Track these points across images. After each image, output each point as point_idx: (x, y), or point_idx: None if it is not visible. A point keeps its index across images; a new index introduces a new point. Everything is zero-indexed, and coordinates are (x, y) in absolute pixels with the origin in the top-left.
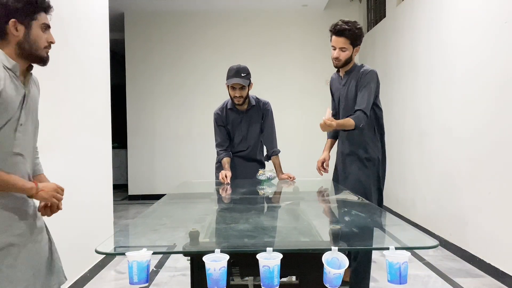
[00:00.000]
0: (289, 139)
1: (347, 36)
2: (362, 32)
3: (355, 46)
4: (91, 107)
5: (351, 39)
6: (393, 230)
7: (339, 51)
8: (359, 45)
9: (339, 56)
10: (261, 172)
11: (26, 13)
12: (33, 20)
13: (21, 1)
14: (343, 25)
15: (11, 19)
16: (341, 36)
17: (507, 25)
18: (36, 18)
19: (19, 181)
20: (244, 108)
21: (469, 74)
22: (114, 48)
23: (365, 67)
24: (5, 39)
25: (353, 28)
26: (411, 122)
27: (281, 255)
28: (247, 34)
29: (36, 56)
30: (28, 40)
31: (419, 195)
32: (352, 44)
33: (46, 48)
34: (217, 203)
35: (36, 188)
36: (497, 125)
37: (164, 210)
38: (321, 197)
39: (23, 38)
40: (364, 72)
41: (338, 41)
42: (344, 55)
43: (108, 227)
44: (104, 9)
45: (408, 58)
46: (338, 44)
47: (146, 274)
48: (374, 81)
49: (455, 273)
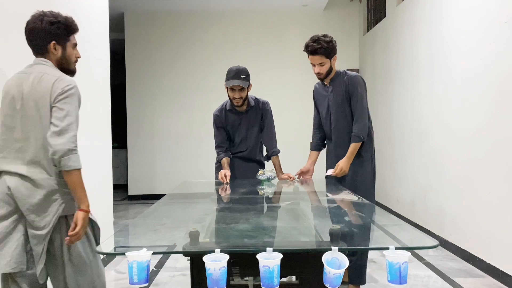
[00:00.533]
0: (289, 140)
1: (321, 53)
2: (333, 43)
3: (331, 57)
4: (91, 107)
5: (325, 54)
6: (393, 230)
7: (318, 66)
8: (335, 54)
9: (320, 71)
10: (261, 172)
11: (63, 37)
12: (67, 42)
13: (60, 28)
14: (314, 44)
15: (52, 41)
16: (315, 55)
17: (507, 25)
18: (69, 40)
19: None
20: (243, 109)
21: (469, 74)
22: (114, 48)
23: (349, 73)
24: (46, 55)
25: (324, 44)
26: (411, 122)
27: (281, 255)
28: (247, 34)
29: (68, 69)
30: (64, 57)
31: (419, 195)
32: (328, 57)
33: (75, 62)
34: (217, 203)
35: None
36: (497, 125)
37: (164, 210)
38: (321, 197)
39: (60, 56)
40: (350, 79)
41: (314, 59)
42: (324, 68)
43: (108, 227)
44: (104, 9)
45: (408, 58)
46: (315, 61)
47: (146, 274)
48: (361, 85)
49: (455, 273)
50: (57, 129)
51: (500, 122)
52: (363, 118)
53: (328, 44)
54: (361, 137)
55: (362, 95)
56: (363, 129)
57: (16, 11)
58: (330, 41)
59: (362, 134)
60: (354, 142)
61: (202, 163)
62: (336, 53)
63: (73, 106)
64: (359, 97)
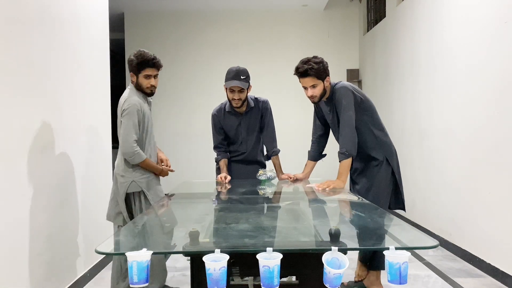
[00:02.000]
0: (289, 140)
1: (312, 74)
2: (324, 64)
3: (323, 79)
4: (91, 107)
5: (316, 75)
6: (393, 230)
7: (311, 89)
8: (327, 75)
9: (313, 94)
10: (261, 172)
11: (136, 70)
12: (139, 73)
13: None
14: (304, 66)
15: (130, 72)
16: (306, 77)
17: (507, 25)
18: (140, 72)
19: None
20: (242, 111)
21: (469, 74)
22: (114, 48)
23: (335, 86)
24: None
25: (314, 65)
26: (411, 122)
27: (281, 255)
28: (247, 34)
29: (143, 92)
30: (138, 84)
31: (419, 195)
32: (320, 78)
33: (149, 88)
34: (217, 203)
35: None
36: (497, 125)
37: (164, 210)
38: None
39: (135, 82)
40: (335, 94)
41: (306, 81)
42: (317, 91)
43: (108, 227)
44: (104, 9)
45: (408, 58)
46: (307, 83)
47: (146, 274)
48: (346, 96)
49: (455, 273)
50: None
51: (500, 122)
52: (345, 132)
53: (318, 65)
54: (346, 153)
55: (346, 107)
56: (347, 144)
57: (16, 11)
58: (321, 61)
59: (347, 150)
60: (341, 160)
61: (202, 163)
62: (328, 74)
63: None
64: (343, 110)
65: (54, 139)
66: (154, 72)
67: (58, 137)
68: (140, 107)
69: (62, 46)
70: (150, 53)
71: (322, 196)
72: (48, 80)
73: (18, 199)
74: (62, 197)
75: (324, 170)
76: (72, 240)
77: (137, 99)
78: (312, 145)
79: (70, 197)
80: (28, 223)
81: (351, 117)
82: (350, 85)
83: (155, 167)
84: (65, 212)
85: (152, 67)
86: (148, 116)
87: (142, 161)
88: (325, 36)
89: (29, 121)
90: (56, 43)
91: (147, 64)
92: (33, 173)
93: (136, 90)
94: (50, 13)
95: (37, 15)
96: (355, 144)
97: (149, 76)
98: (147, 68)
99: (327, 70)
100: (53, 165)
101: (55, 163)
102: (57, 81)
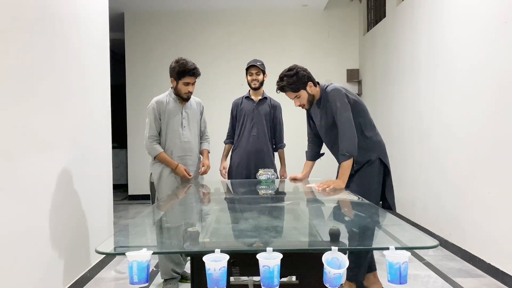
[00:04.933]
0: (289, 139)
1: (288, 90)
2: (298, 75)
3: (303, 88)
4: (91, 107)
5: (292, 89)
6: (393, 230)
7: (296, 100)
8: (307, 82)
9: (300, 103)
10: (261, 172)
11: (175, 77)
12: (179, 80)
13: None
14: (279, 83)
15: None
16: (284, 92)
17: (507, 25)
18: (181, 79)
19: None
20: (257, 98)
21: (469, 74)
22: (114, 48)
23: (326, 89)
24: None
25: (288, 80)
26: (411, 122)
27: (281, 255)
28: (247, 34)
29: (180, 97)
30: (177, 89)
31: (419, 195)
32: (297, 90)
33: (186, 94)
34: (217, 203)
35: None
36: (497, 125)
37: (165, 210)
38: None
39: (175, 87)
40: (328, 97)
41: (288, 95)
42: (302, 100)
43: (108, 227)
44: (104, 9)
45: (408, 58)
46: (290, 97)
47: (146, 274)
48: (339, 98)
49: (455, 273)
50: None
51: (500, 122)
52: (344, 133)
53: (292, 78)
54: (346, 154)
55: (341, 108)
56: (347, 145)
57: (16, 11)
58: (295, 73)
59: (347, 151)
60: (342, 161)
61: None
62: (309, 80)
63: (148, 119)
64: (339, 112)
65: (54, 139)
66: (193, 80)
67: (58, 137)
68: (157, 107)
69: (62, 46)
70: (191, 63)
71: (322, 196)
72: (48, 80)
73: (18, 199)
74: (62, 197)
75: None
76: (72, 240)
77: (158, 99)
78: (309, 144)
79: (70, 197)
80: (28, 223)
81: (349, 117)
82: (341, 86)
83: (171, 162)
84: (65, 212)
85: (191, 76)
86: (169, 114)
87: (157, 155)
88: (325, 36)
89: (29, 121)
90: (56, 43)
91: (187, 73)
92: (33, 173)
93: (174, 94)
94: (50, 13)
95: (37, 15)
96: (355, 144)
97: (187, 84)
98: (187, 76)
99: (306, 77)
100: (53, 165)
101: (55, 163)
102: (57, 81)
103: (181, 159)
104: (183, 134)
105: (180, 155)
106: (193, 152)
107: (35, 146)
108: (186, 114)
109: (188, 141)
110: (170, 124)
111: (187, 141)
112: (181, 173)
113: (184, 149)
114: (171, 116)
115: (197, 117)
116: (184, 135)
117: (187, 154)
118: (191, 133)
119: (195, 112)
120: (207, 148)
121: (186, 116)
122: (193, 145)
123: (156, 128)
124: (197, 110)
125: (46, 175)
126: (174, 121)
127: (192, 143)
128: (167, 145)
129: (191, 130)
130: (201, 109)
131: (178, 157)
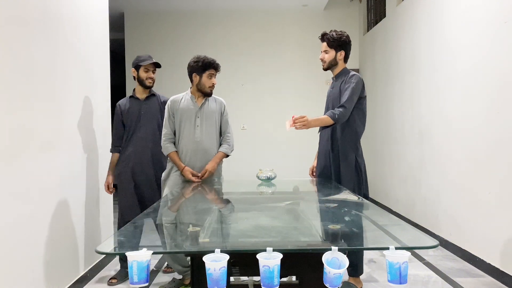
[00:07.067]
0: (289, 139)
1: (326, 40)
2: (343, 37)
3: (337, 50)
4: (92, 107)
5: (328, 43)
6: (393, 230)
7: (323, 53)
8: (343, 50)
9: (323, 58)
10: (261, 172)
11: (199, 70)
12: (203, 73)
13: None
14: (325, 31)
15: (193, 73)
16: (322, 41)
17: (507, 25)
18: (205, 72)
19: (178, 162)
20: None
21: (469, 74)
22: (114, 48)
23: (352, 72)
24: (192, 82)
25: (333, 34)
26: (411, 122)
27: (281, 255)
28: (247, 34)
29: (204, 92)
30: (200, 84)
31: (419, 195)
32: (331, 47)
33: (210, 87)
34: (217, 203)
35: (183, 168)
36: (497, 125)
37: (164, 210)
38: (321, 197)
39: (198, 82)
40: (349, 75)
41: (322, 46)
42: (327, 56)
43: (108, 227)
44: (104, 9)
45: (408, 58)
46: (322, 48)
47: (146, 274)
48: (357, 82)
49: (455, 273)
50: None
51: (500, 122)
52: (346, 105)
53: (334, 36)
54: (336, 116)
55: (354, 88)
56: (341, 114)
57: (16, 11)
58: (340, 36)
59: (338, 116)
60: (328, 116)
61: None
62: (344, 50)
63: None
64: (351, 87)
65: (54, 139)
66: (215, 72)
67: (58, 137)
68: (171, 105)
69: (62, 46)
70: (209, 57)
71: (322, 196)
72: (48, 80)
73: (18, 199)
74: (62, 197)
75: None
76: (72, 240)
77: (174, 97)
78: None
79: (70, 197)
80: (28, 223)
81: (353, 98)
82: (363, 80)
83: (178, 163)
84: (65, 212)
85: (215, 68)
86: (183, 113)
87: (168, 153)
88: None
89: (29, 121)
90: (56, 42)
91: (213, 64)
92: (33, 173)
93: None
94: (50, 13)
95: (37, 15)
96: (346, 118)
97: (212, 76)
98: (211, 68)
99: (344, 46)
100: (53, 165)
101: (55, 163)
102: (57, 81)
103: (191, 159)
104: (195, 134)
105: (192, 155)
106: (206, 152)
107: (35, 146)
108: (202, 113)
109: (201, 141)
110: (183, 123)
111: (199, 141)
112: (187, 176)
113: (195, 149)
114: (184, 115)
115: (215, 117)
116: (196, 135)
117: (198, 154)
118: (205, 133)
119: (213, 111)
120: (222, 151)
121: (201, 115)
122: (206, 145)
123: (170, 127)
124: (216, 110)
125: (46, 175)
126: (188, 120)
127: (205, 143)
128: (180, 144)
129: (206, 130)
130: (221, 109)
131: (189, 157)
